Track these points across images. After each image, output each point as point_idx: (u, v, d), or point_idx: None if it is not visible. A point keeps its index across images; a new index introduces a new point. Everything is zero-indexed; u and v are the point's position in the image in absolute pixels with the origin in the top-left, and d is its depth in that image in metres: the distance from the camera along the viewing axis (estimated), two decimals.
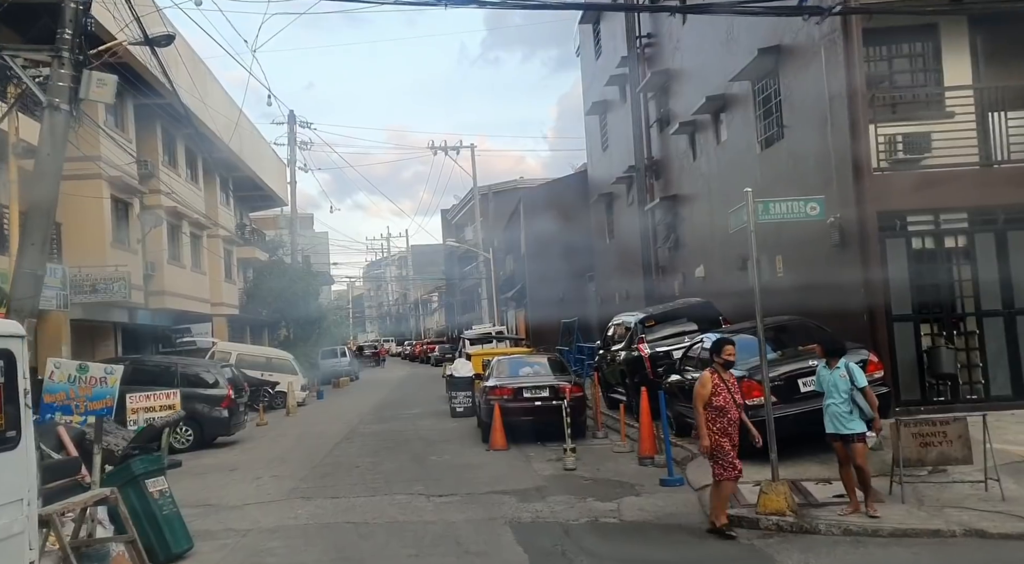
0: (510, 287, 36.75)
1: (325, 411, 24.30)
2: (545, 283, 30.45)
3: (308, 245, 53.62)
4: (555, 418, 14.07)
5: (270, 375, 26.71)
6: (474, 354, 20.78)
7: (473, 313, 64.26)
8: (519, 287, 32.18)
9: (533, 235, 31.05)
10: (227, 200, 34.29)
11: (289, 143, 41.56)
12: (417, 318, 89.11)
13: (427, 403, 24.40)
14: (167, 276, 25.60)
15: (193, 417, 16.36)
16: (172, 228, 26.84)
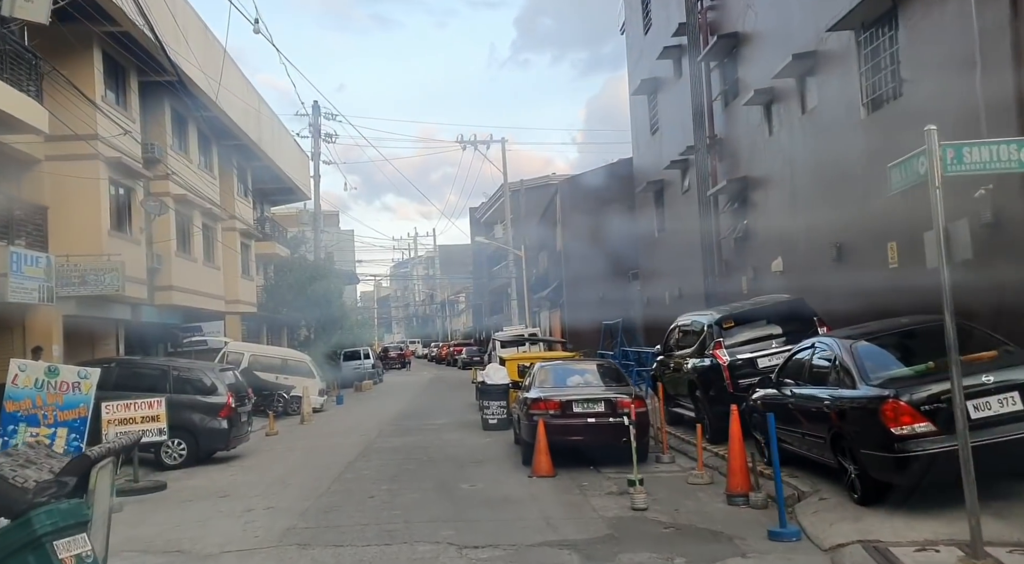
0: (543, 286, 34.17)
1: (342, 419, 21.90)
2: (583, 282, 27.88)
3: (332, 243, 51.51)
4: (612, 439, 11.55)
5: (285, 378, 24.41)
6: (508, 359, 18.26)
7: (501, 314, 61.80)
8: (554, 286, 29.61)
9: (570, 230, 28.47)
10: (245, 192, 32.11)
11: (313, 135, 39.50)
12: (443, 319, 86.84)
13: (455, 412, 21.91)
14: (175, 270, 23.38)
15: (187, 428, 14.05)
16: (182, 219, 24.64)
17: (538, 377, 12.71)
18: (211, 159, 27.72)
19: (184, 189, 23.82)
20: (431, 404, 24.82)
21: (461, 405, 23.76)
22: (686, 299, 20.53)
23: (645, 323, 24.11)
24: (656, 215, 23.39)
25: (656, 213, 23.38)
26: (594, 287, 27.79)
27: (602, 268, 27.36)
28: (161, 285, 23.06)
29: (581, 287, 27.96)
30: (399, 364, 57.55)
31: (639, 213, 25.14)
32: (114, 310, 20.86)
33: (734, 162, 17.01)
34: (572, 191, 28.44)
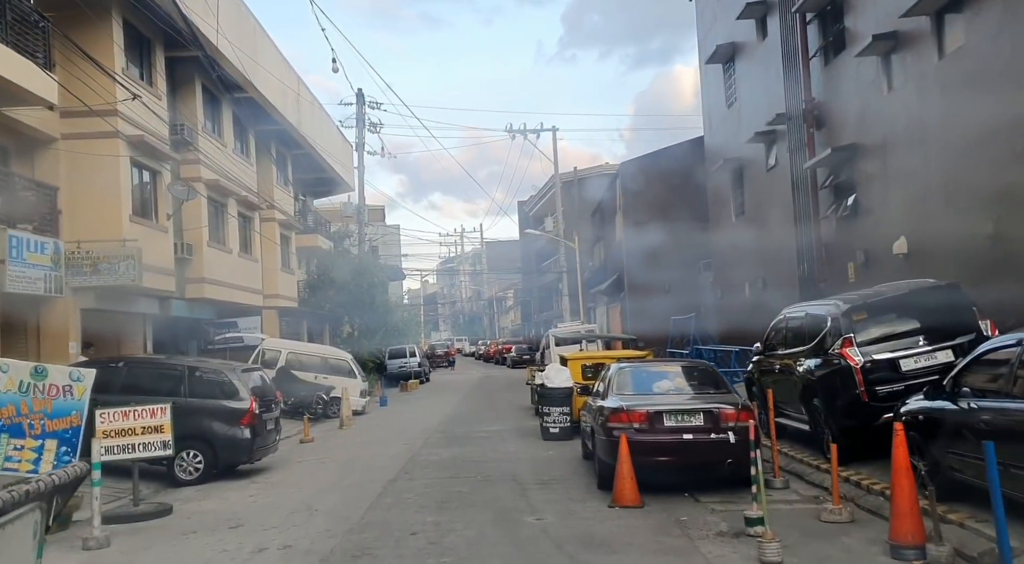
0: (600, 280, 31.74)
1: (385, 424, 19.84)
2: (647, 274, 25.43)
3: (377, 237, 49.82)
4: (713, 459, 9.21)
5: (325, 378, 22.50)
6: (571, 358, 15.94)
7: (551, 311, 59.50)
8: (614, 279, 27.20)
9: (633, 217, 26.02)
10: (285, 182, 30.36)
11: (357, 124, 37.69)
12: (491, 317, 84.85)
13: (509, 416, 19.69)
14: (207, 261, 21.61)
15: (203, 438, 12.08)
16: (215, 207, 22.91)
17: (616, 381, 10.37)
18: (247, 144, 25.97)
19: (216, 174, 22.06)
20: (482, 407, 22.66)
21: (515, 409, 21.54)
22: (772, 290, 17.98)
23: (719, 318, 21.57)
24: (733, 197, 20.82)
25: (733, 194, 20.81)
26: (659, 279, 25.32)
27: (668, 258, 24.86)
28: (192, 277, 21.32)
29: (645, 279, 25.52)
30: (445, 363, 55.71)
31: (712, 196, 22.58)
32: (139, 304, 19.15)
33: (837, 128, 14.42)
34: (635, 175, 25.99)
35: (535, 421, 17.83)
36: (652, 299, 24.84)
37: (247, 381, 12.71)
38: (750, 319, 18.91)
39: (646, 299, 24.90)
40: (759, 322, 18.23)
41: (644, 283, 25.30)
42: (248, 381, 12.76)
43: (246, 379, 12.70)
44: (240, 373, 12.58)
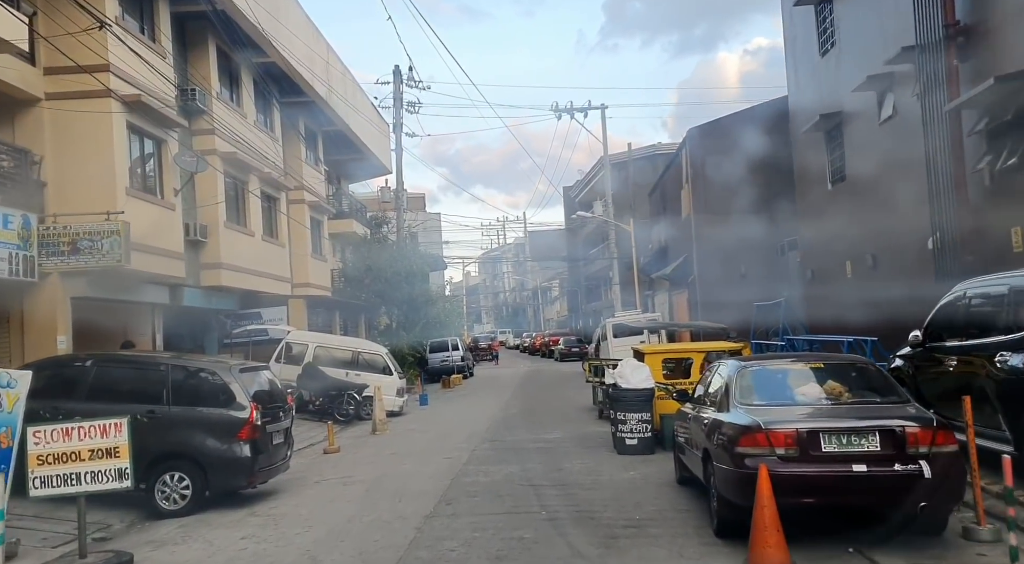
0: (661, 264, 28.57)
1: (425, 428, 17.09)
2: (719, 255, 22.27)
3: (417, 224, 47.25)
4: (901, 502, 6.24)
5: (357, 375, 19.87)
6: (648, 352, 12.94)
7: (600, 301, 56.36)
8: (679, 263, 24.04)
9: (702, 191, 22.78)
10: (315, 160, 27.83)
11: (395, 104, 34.97)
12: (535, 308, 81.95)
13: (568, 419, 16.79)
14: (225, 244, 19.11)
15: (190, 456, 9.45)
16: (234, 184, 20.40)
17: (738, 385, 7.37)
18: (271, 117, 23.43)
19: (234, 147, 19.52)
20: (535, 407, 19.79)
21: (573, 410, 18.63)
22: (886, 268, 14.76)
23: (809, 303, 18.36)
24: (830, 160, 17.55)
25: (830, 157, 17.54)
26: (734, 261, 22.17)
27: (745, 237, 21.65)
28: (207, 262, 18.85)
29: (717, 262, 22.35)
30: (488, 356, 52.98)
31: (800, 163, 19.30)
32: (145, 292, 16.70)
33: (996, 56, 11.17)
34: (704, 143, 22.74)
35: (600, 427, 14.94)
36: (725, 284, 21.68)
37: (248, 383, 10.01)
38: (854, 303, 15.72)
39: (718, 284, 21.74)
40: (866, 307, 15.08)
41: (716, 266, 22.13)
42: (249, 383, 10.07)
43: (246, 381, 10.00)
44: (238, 373, 9.87)
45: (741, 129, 21.85)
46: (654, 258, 31.02)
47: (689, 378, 12.86)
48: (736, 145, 21.67)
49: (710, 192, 22.27)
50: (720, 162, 22.11)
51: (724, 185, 22.05)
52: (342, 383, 19.17)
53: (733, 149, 21.63)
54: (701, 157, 22.77)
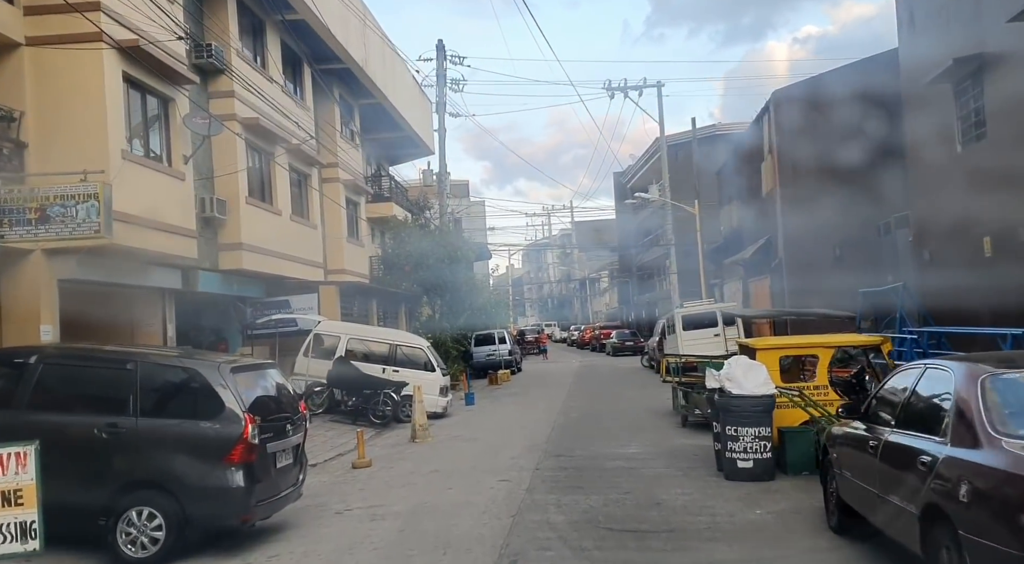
0: (734, 249, 25.51)
1: (472, 435, 14.44)
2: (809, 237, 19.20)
3: (461, 209, 44.71)
4: None
5: (395, 371, 17.35)
6: (760, 347, 10.07)
7: (654, 292, 53.23)
8: (759, 246, 20.98)
9: (790, 163, 19.63)
10: (351, 136, 25.41)
11: (438, 82, 32.43)
12: (582, 300, 78.99)
13: (642, 427, 14.02)
14: (247, 222, 16.75)
15: (163, 486, 6.97)
16: (258, 155, 18.03)
17: (988, 406, 4.53)
18: (302, 84, 21.01)
19: (257, 113, 17.13)
20: (600, 410, 17.03)
21: (646, 414, 15.84)
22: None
23: (926, 291, 15.26)
24: (960, 117, 14.41)
25: (960, 114, 14.39)
26: (827, 242, 19.10)
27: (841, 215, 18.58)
28: (226, 243, 16.50)
29: (806, 243, 19.27)
30: (536, 349, 50.26)
31: (913, 123, 16.14)
32: (153, 276, 14.38)
33: None
34: (792, 108, 19.58)
35: (688, 438, 12.18)
36: (817, 268, 18.64)
37: (244, 387, 7.46)
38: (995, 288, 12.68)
39: (809, 269, 18.70)
40: (1016, 293, 12.05)
41: (806, 248, 19.08)
42: (247, 387, 7.52)
43: (242, 384, 7.45)
44: (229, 374, 7.32)
45: (836, 90, 18.72)
46: (724, 243, 27.92)
47: (814, 380, 10.01)
48: (830, 109, 18.57)
49: (799, 164, 19.19)
50: (811, 129, 19.02)
51: (816, 155, 18.95)
52: (378, 380, 16.68)
53: (826, 113, 18.55)
54: (788, 124, 19.67)
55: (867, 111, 18.16)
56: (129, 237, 12.43)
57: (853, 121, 18.43)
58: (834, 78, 19.30)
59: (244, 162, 16.88)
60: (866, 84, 18.18)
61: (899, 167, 17.28)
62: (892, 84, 17.23)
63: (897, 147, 17.17)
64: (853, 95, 18.07)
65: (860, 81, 18.36)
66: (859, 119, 18.37)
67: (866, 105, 18.08)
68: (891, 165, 17.44)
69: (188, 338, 17.36)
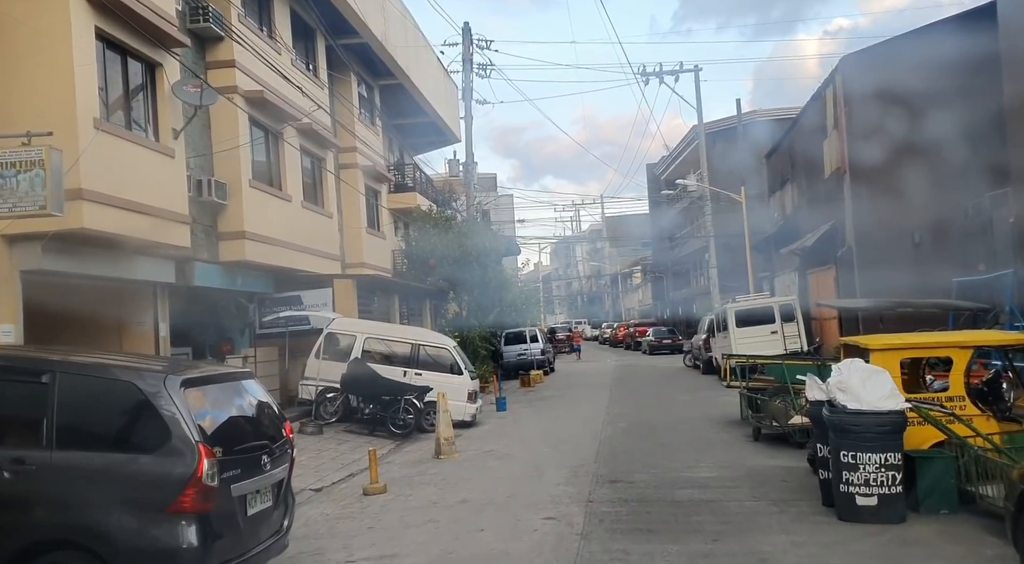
0: (787, 239, 23.13)
1: (506, 451, 12.32)
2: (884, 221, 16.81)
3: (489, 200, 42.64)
4: None
5: (418, 374, 15.35)
6: (876, 347, 7.83)
7: (690, 288, 50.80)
8: (823, 232, 18.59)
9: (859, 140, 17.18)
10: (371, 118, 23.47)
11: (464, 67, 30.41)
12: (613, 297, 76.55)
13: (707, 441, 11.84)
14: (251, 208, 14.85)
15: (87, 545, 4.96)
16: (265, 134, 16.14)
17: None
18: (314, 57, 19.08)
19: (262, 85, 15.23)
20: (651, 417, 14.85)
21: (707, 424, 13.64)
22: None
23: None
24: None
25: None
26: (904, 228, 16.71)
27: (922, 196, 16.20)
28: (228, 231, 14.62)
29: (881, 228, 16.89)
30: (567, 348, 48.05)
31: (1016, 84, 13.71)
32: (141, 267, 12.53)
33: None
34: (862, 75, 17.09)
35: (768, 458, 10.05)
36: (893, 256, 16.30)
37: (202, 406, 5.45)
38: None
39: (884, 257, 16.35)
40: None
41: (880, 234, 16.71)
42: (205, 406, 5.50)
43: (198, 402, 5.43)
44: (177, 389, 5.28)
45: (916, 53, 16.34)
46: (777, 233, 25.53)
47: (947, 391, 7.79)
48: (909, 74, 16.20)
49: (872, 139, 16.84)
50: (886, 98, 16.66)
51: (891, 128, 16.57)
52: (398, 385, 14.69)
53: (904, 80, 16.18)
54: (859, 93, 17.28)
55: (953, 75, 15.77)
56: (103, 220, 10.60)
57: (936, 87, 16.05)
58: (913, 40, 16.90)
59: (248, 139, 14.97)
60: (952, 44, 15.78)
61: (993, 139, 14.87)
62: (985, 42, 14.82)
63: (990, 115, 14.77)
64: (936, 57, 15.69)
65: (944, 41, 15.96)
66: (943, 85, 15.99)
67: (952, 68, 15.70)
68: (983, 137, 15.05)
69: (188, 339, 15.55)
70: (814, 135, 20.80)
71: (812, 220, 20.84)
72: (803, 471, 9.08)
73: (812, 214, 20.87)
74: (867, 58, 17.43)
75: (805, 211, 21.77)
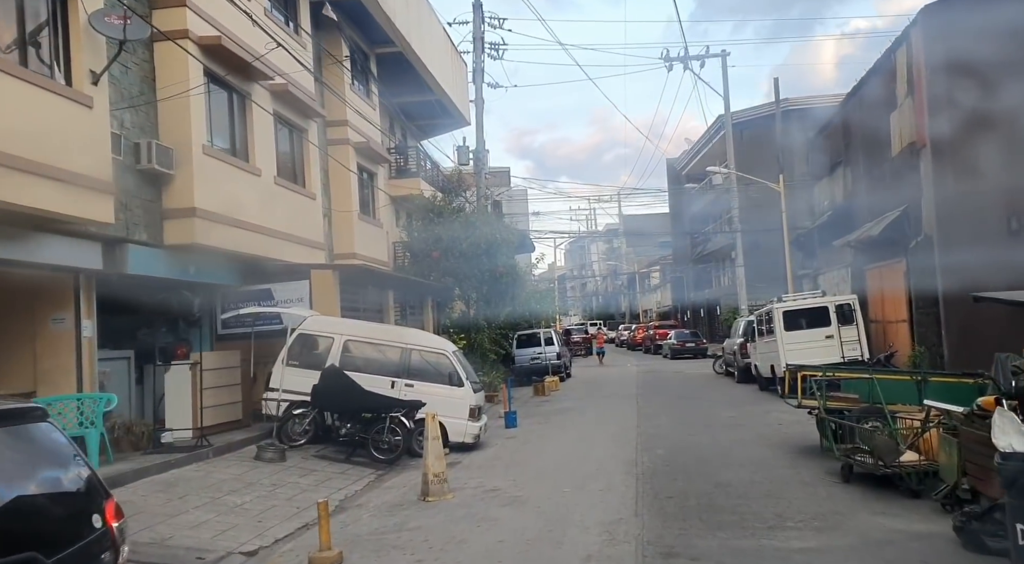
0: (840, 229, 20.03)
1: (515, 490, 9.30)
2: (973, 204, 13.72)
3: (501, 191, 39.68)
4: None
5: (408, 385, 12.44)
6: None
7: (712, 288, 47.66)
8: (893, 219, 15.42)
9: (944, 108, 13.99)
10: (366, 90, 20.61)
11: (475, 46, 27.60)
12: (631, 297, 73.39)
13: (777, 478, 8.81)
14: (204, 180, 12.02)
15: None
16: (225, 93, 13.30)
17: None
18: (295, 11, 16.22)
19: (220, 31, 12.38)
20: (696, 441, 11.82)
21: (765, 448, 10.63)
22: None
23: None
24: None
25: None
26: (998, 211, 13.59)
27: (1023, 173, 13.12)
28: (174, 207, 11.79)
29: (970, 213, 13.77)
30: (583, 351, 45.11)
31: None
32: (57, 251, 9.79)
33: None
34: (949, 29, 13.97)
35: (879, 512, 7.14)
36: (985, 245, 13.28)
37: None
38: None
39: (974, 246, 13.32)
40: None
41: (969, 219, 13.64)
42: None
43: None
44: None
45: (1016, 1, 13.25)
46: (826, 224, 22.39)
47: None
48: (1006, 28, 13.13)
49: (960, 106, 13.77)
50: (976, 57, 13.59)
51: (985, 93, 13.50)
52: (383, 399, 11.79)
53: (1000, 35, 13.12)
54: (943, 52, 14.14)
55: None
56: None
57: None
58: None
59: (202, 99, 12.13)
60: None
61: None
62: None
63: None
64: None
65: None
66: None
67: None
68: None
69: (133, 340, 12.76)
70: (876, 109, 17.73)
71: (874, 207, 17.77)
72: (946, 542, 6.14)
73: (874, 200, 17.80)
74: (953, 8, 14.35)
75: (864, 197, 18.69)
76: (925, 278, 14.75)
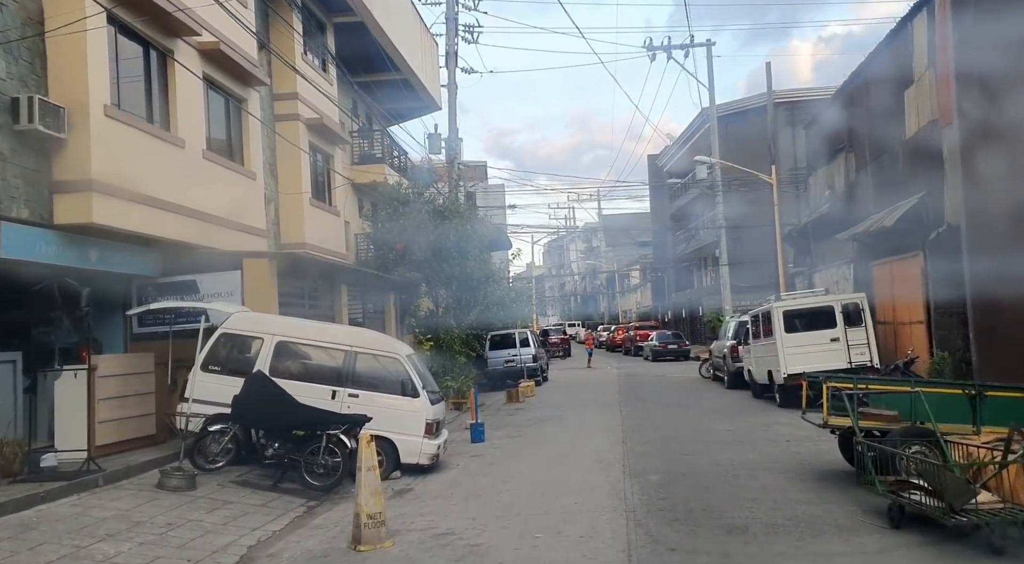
0: (841, 222, 18.20)
1: (472, 542, 7.21)
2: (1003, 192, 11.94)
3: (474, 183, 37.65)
4: None
5: (353, 397, 10.37)
6: None
7: (693, 289, 45.99)
8: (910, 208, 13.64)
9: (972, 77, 12.20)
10: (322, 62, 18.50)
11: (448, 27, 25.54)
12: (609, 297, 71.70)
13: (804, 519, 6.84)
14: (106, 146, 9.88)
15: None
16: (145, 49, 11.17)
17: None
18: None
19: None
20: (695, 462, 9.87)
21: (779, 474, 8.68)
22: None
23: None
24: None
25: None
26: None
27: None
28: (67, 179, 9.64)
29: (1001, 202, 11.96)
30: (560, 352, 43.46)
31: None
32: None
33: None
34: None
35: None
36: (1018, 237, 11.52)
37: None
38: None
39: (1006, 238, 11.56)
40: None
41: (1000, 208, 11.86)
42: None
43: None
44: None
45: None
46: (824, 217, 20.62)
47: None
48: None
49: (990, 79, 11.97)
50: (1009, 23, 11.81)
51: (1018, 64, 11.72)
52: (319, 413, 9.70)
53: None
54: (971, 14, 12.36)
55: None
56: None
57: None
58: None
59: (104, 46, 10.00)
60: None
61: None
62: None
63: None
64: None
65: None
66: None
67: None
68: None
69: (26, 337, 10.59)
70: (886, 87, 15.96)
71: (882, 196, 15.98)
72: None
73: (883, 188, 16.01)
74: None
75: (870, 185, 16.90)
76: (949, 274, 12.95)
